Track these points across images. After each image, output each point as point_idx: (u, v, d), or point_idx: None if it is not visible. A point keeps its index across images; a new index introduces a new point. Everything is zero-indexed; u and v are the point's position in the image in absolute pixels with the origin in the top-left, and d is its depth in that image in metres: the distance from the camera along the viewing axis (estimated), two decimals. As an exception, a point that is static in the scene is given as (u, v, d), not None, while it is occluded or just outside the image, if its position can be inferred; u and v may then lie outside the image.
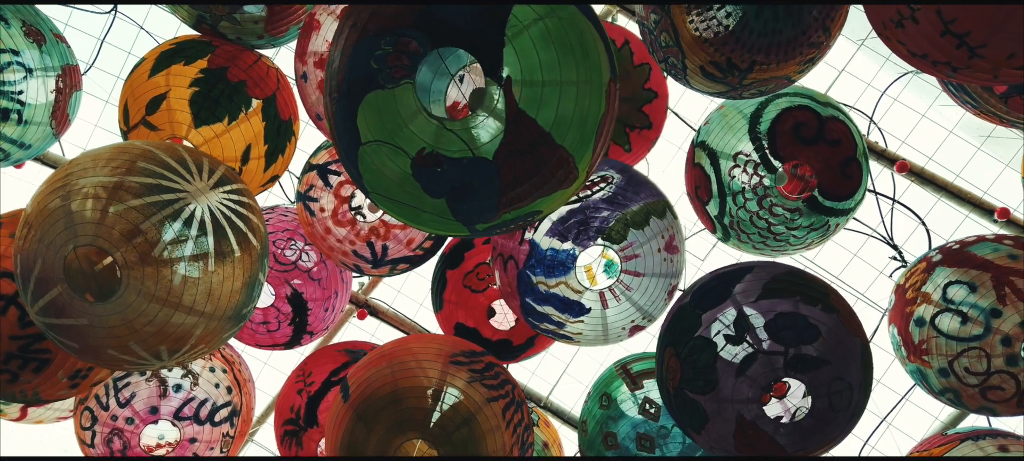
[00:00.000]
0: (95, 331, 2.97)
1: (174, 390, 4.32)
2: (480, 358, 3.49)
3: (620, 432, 4.38)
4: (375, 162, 2.60)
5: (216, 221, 2.99)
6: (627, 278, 3.58)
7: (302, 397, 4.64)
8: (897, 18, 2.72)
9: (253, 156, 3.98)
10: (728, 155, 3.94)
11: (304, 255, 4.69)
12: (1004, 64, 2.66)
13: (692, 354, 3.35)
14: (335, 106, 2.61)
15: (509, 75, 2.45)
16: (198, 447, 4.42)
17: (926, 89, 5.10)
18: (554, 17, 2.48)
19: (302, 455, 4.61)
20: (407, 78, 2.47)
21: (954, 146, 5.38)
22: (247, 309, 3.26)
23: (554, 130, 2.53)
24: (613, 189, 3.53)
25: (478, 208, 2.67)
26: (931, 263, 3.88)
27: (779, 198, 3.84)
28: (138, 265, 2.85)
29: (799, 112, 3.86)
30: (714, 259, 5.96)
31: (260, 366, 5.92)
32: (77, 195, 2.87)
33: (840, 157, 3.86)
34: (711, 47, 3.33)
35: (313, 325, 4.89)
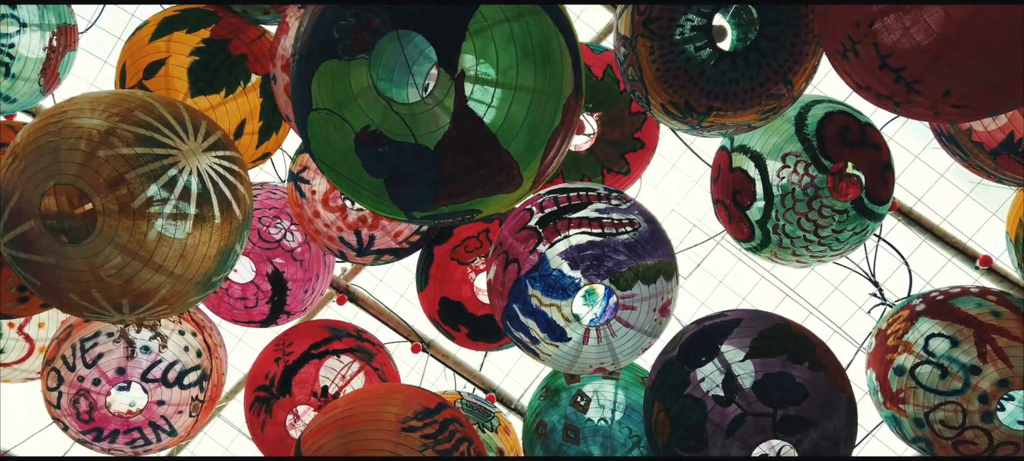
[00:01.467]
0: (60, 272, 2.91)
1: (142, 352, 4.28)
2: (434, 416, 3.39)
3: (550, 421, 4.41)
4: (322, 130, 2.59)
5: (202, 184, 2.95)
6: (617, 325, 3.59)
7: (279, 366, 4.59)
8: (842, 49, 2.75)
9: (247, 131, 3.94)
10: (776, 156, 3.92)
11: (289, 235, 4.66)
12: (942, 101, 2.67)
13: (682, 413, 3.38)
14: (295, 68, 2.61)
15: (463, 70, 2.43)
16: (166, 410, 4.37)
17: (922, 131, 5.14)
18: (521, 22, 2.46)
19: (270, 424, 4.56)
20: (364, 53, 2.45)
21: (943, 190, 5.43)
22: (218, 277, 3.22)
23: (501, 133, 2.52)
24: (636, 236, 3.52)
25: (416, 195, 2.66)
26: (914, 311, 3.89)
27: (829, 199, 3.84)
28: (115, 214, 2.79)
29: (842, 116, 3.90)
30: (697, 279, 5.98)
31: (234, 341, 5.88)
32: (68, 133, 2.82)
33: (880, 161, 3.92)
34: (670, 88, 3.34)
35: (291, 306, 4.87)
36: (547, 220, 3.52)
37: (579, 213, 3.51)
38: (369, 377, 4.62)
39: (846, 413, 3.34)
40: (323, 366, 4.55)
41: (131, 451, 4.46)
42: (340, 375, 4.54)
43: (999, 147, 3.74)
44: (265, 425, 4.55)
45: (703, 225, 5.75)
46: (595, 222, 3.49)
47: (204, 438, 6.46)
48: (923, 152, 5.35)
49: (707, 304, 6.13)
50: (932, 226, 5.38)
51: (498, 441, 5.00)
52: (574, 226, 3.48)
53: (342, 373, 4.55)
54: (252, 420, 4.65)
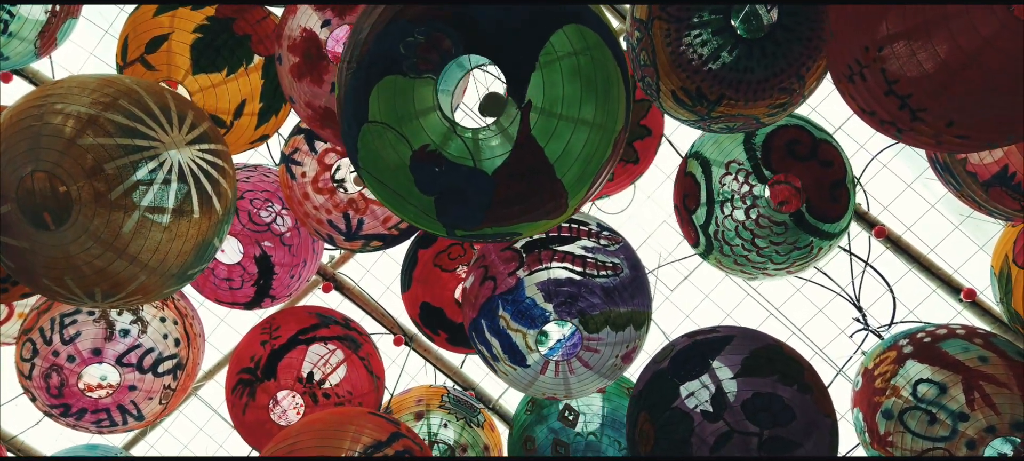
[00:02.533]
0: (34, 257, 2.89)
1: (121, 335, 4.25)
2: (383, 451, 3.33)
3: (538, 437, 4.41)
4: (375, 143, 2.57)
5: (183, 178, 2.92)
6: (577, 364, 3.59)
7: (265, 349, 4.56)
8: (849, 72, 2.75)
9: (246, 112, 3.91)
10: (721, 163, 3.95)
11: (279, 218, 4.63)
12: (945, 131, 2.67)
13: (668, 425, 3.37)
14: (351, 76, 2.56)
15: (530, 100, 2.44)
16: (136, 395, 4.35)
17: (916, 161, 5.19)
18: (589, 55, 2.48)
19: (252, 407, 4.52)
20: (432, 73, 2.44)
21: (933, 221, 5.47)
22: (194, 270, 3.19)
23: (558, 163, 2.54)
24: (615, 282, 3.53)
25: (464, 216, 2.67)
26: (902, 353, 3.91)
27: (767, 209, 3.85)
28: (92, 203, 2.76)
29: (794, 130, 3.91)
30: (683, 292, 5.99)
31: (216, 321, 5.84)
32: (51, 118, 2.79)
33: (830, 178, 3.90)
34: (684, 73, 3.32)
35: (276, 290, 4.84)
36: (533, 246, 3.53)
37: (565, 247, 3.52)
38: (354, 367, 4.60)
39: (829, 438, 3.35)
40: (308, 351, 4.53)
41: (95, 430, 4.43)
42: (324, 361, 4.52)
43: (992, 179, 3.76)
44: (247, 408, 4.51)
45: (693, 238, 5.76)
46: (578, 260, 3.50)
47: (179, 416, 6.41)
48: (915, 181, 5.38)
49: (692, 318, 6.15)
50: (919, 255, 5.43)
51: (484, 437, 5.00)
52: (557, 259, 3.49)
53: (326, 359, 4.53)
54: (234, 402, 4.60)
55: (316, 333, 4.60)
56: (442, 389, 5.12)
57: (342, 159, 4.19)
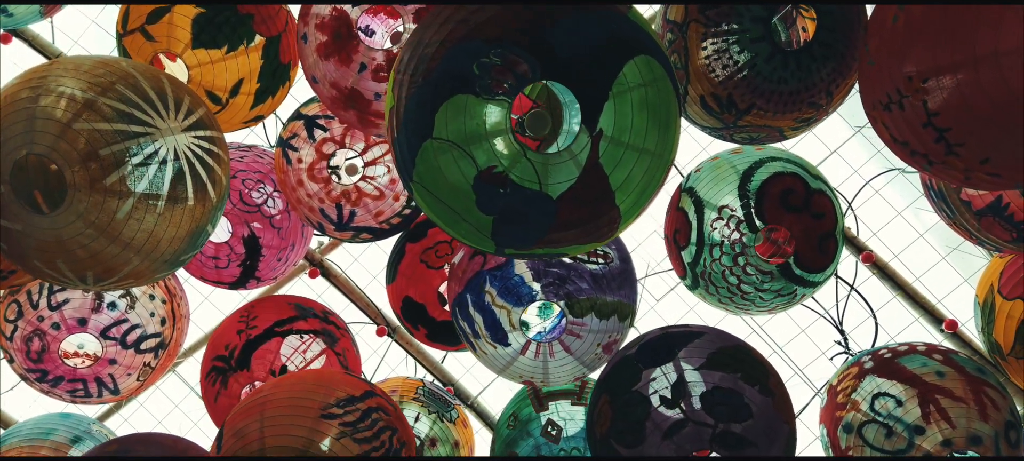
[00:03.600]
0: (26, 239, 2.87)
1: (108, 307, 4.23)
2: (357, 405, 3.37)
3: (522, 452, 4.41)
4: (437, 159, 2.54)
5: (178, 165, 2.90)
6: (558, 348, 3.60)
7: (240, 338, 4.53)
8: (887, 101, 2.74)
9: (243, 91, 3.88)
10: (714, 207, 3.95)
11: (270, 200, 4.61)
12: (977, 167, 2.68)
13: (626, 407, 3.38)
14: (415, 90, 2.53)
15: (601, 129, 2.47)
16: (115, 369, 4.34)
17: (908, 190, 5.22)
18: (655, 88, 2.52)
19: (224, 395, 4.50)
20: (505, 96, 2.44)
21: (921, 250, 5.51)
22: (186, 256, 3.18)
23: (619, 190, 2.58)
24: (604, 270, 3.55)
25: (520, 236, 2.69)
26: (863, 369, 3.96)
27: (755, 258, 3.87)
28: (86, 188, 2.74)
29: (790, 179, 3.90)
30: (668, 302, 6.00)
31: (200, 299, 5.81)
32: (47, 100, 2.77)
33: (820, 231, 3.91)
34: (716, 78, 3.32)
35: (262, 272, 4.82)
36: None
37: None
38: (330, 361, 4.58)
39: (784, 445, 3.37)
40: (284, 343, 4.51)
41: (69, 398, 4.41)
42: (299, 353, 4.50)
43: (986, 209, 3.79)
44: (219, 396, 4.49)
45: (682, 250, 5.78)
46: None
47: (156, 392, 6.37)
48: (905, 210, 5.42)
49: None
50: (905, 283, 5.47)
51: (455, 433, 4.99)
52: None
53: (301, 351, 4.51)
54: (207, 388, 4.59)
55: (294, 325, 4.57)
56: (418, 382, 5.11)
57: (340, 149, 4.17)
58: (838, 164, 5.34)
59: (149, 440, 3.96)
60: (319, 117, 4.18)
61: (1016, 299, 4.12)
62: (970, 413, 3.63)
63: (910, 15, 2.58)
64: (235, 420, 3.33)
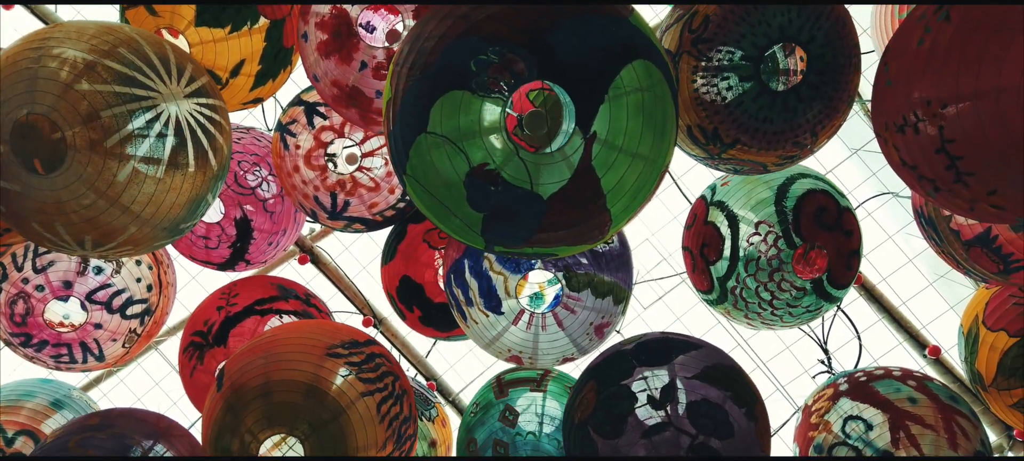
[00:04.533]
0: (25, 201, 2.86)
1: (93, 271, 4.21)
2: (361, 348, 3.44)
3: (480, 437, 4.42)
4: (430, 154, 2.56)
5: (179, 130, 2.90)
6: (551, 321, 3.60)
7: (220, 314, 4.54)
8: (901, 122, 2.73)
9: (244, 72, 3.86)
10: (751, 222, 3.97)
11: (265, 184, 4.60)
12: (984, 198, 2.68)
13: (611, 398, 3.39)
14: (412, 83, 2.54)
15: (595, 131, 2.48)
16: (100, 334, 4.31)
17: (900, 214, 5.24)
18: (652, 92, 2.53)
19: (200, 371, 4.50)
20: (501, 94, 2.45)
21: (909, 275, 5.55)
22: (186, 225, 3.18)
23: (610, 194, 2.59)
24: (604, 248, 3.56)
25: (509, 234, 2.70)
26: (837, 390, 4.00)
27: (791, 274, 3.89)
28: (86, 150, 2.74)
29: (822, 197, 3.97)
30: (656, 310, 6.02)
31: (187, 278, 5.77)
32: (49, 61, 2.76)
33: (849, 248, 3.99)
34: (703, 111, 3.34)
35: (252, 255, 4.80)
36: None
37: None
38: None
39: None
40: (265, 325, 4.49)
41: (53, 364, 4.38)
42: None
43: (974, 239, 3.81)
44: (195, 371, 4.51)
45: (673, 260, 5.81)
46: None
47: (137, 368, 6.33)
48: (896, 234, 5.46)
49: (658, 336, 6.18)
50: (891, 307, 5.50)
51: (433, 432, 4.98)
52: None
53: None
54: (184, 363, 4.59)
55: (274, 305, 4.57)
56: (401, 377, 5.09)
57: (338, 138, 4.16)
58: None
59: (131, 415, 3.94)
60: (319, 104, 4.18)
61: (1000, 331, 4.15)
62: (939, 441, 3.66)
63: (937, 40, 2.58)
64: (237, 360, 3.36)
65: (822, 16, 3.20)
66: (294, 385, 3.17)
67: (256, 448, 3.16)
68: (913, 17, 2.77)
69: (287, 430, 3.14)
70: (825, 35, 3.22)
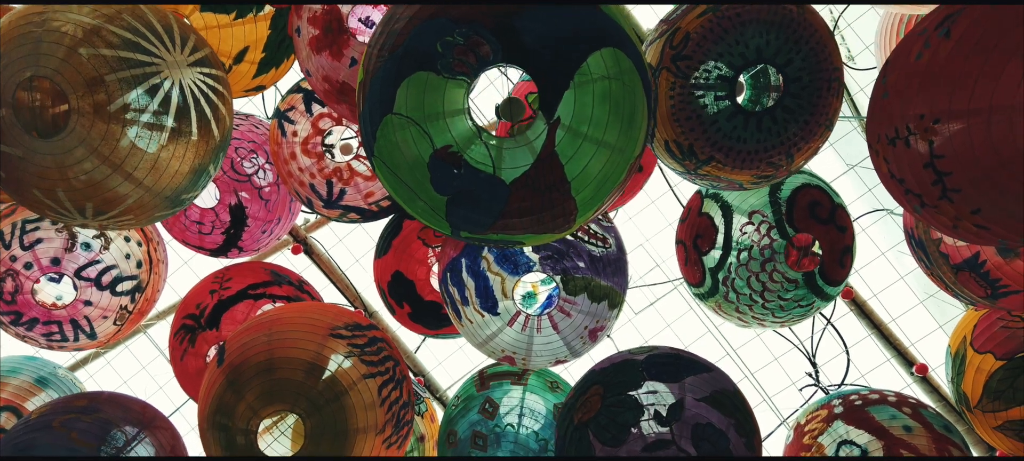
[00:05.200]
0: (26, 166, 2.85)
1: (82, 248, 4.18)
2: (364, 332, 3.45)
3: (460, 430, 4.43)
4: (396, 135, 2.56)
5: (183, 98, 2.90)
6: (546, 323, 3.60)
7: (213, 298, 4.52)
8: (893, 135, 2.72)
9: (247, 59, 3.86)
10: (744, 211, 3.97)
11: (261, 172, 4.58)
12: (967, 216, 2.67)
13: (617, 406, 3.39)
14: (381, 64, 2.54)
15: (559, 117, 2.46)
16: (91, 311, 4.28)
17: (893, 232, 5.28)
18: (621, 81, 2.51)
19: (190, 354, 4.47)
20: (466, 76, 2.45)
21: (899, 292, 5.58)
22: (188, 195, 3.18)
23: (575, 182, 2.57)
24: (603, 253, 3.55)
25: (473, 219, 2.68)
26: (832, 412, 3.99)
27: (783, 265, 3.90)
28: (90, 114, 2.73)
29: (816, 191, 3.97)
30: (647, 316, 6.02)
31: (179, 263, 5.76)
32: (53, 25, 2.75)
33: (842, 244, 3.97)
34: (680, 128, 3.36)
35: (245, 242, 4.79)
36: None
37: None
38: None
39: None
40: (258, 310, 4.48)
41: (45, 343, 4.35)
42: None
43: (963, 263, 3.83)
44: (186, 354, 4.48)
45: (666, 266, 5.83)
46: None
47: (124, 351, 6.32)
48: (889, 251, 5.49)
49: (650, 342, 6.19)
50: (880, 323, 5.53)
51: (422, 427, 4.98)
52: None
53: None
54: (174, 346, 4.57)
55: (267, 290, 4.56)
56: (389, 370, 5.08)
57: (336, 126, 4.16)
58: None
59: (119, 402, 3.92)
60: (320, 93, 4.17)
61: (987, 353, 4.17)
62: (933, 471, 3.68)
63: (935, 55, 2.59)
64: (239, 336, 3.35)
65: (801, 39, 3.23)
66: (297, 363, 3.16)
67: (256, 424, 3.15)
68: (915, 31, 2.77)
69: (288, 407, 3.14)
70: (803, 58, 3.24)
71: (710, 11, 3.25)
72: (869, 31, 4.31)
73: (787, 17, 3.21)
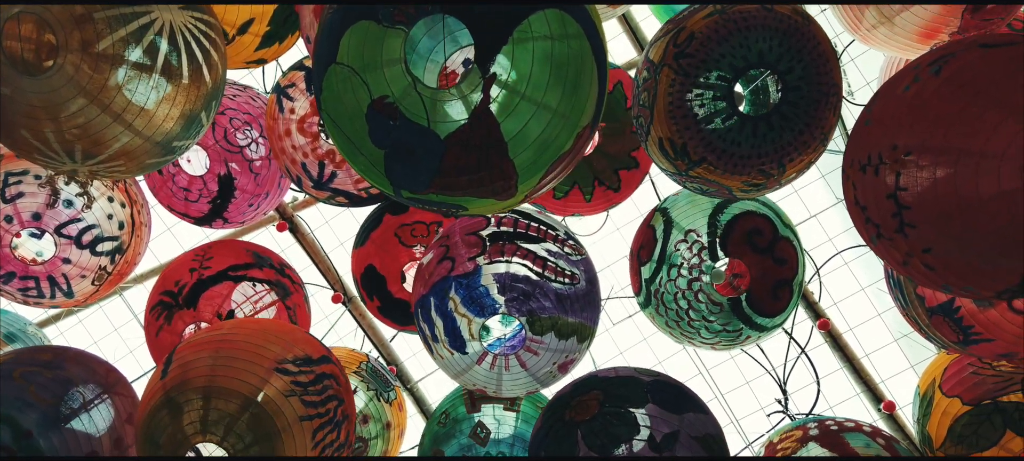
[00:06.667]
0: (14, 105, 2.80)
1: (64, 205, 4.13)
2: (312, 367, 3.34)
3: (448, 451, 4.42)
4: (338, 85, 2.54)
5: (173, 40, 2.86)
6: (515, 362, 3.61)
7: (192, 276, 4.47)
8: (866, 161, 2.71)
9: (251, 31, 3.84)
10: (682, 229, 4.00)
11: (254, 145, 4.56)
12: (919, 254, 2.66)
13: (614, 419, 3.42)
14: (330, 15, 2.55)
15: (495, 73, 2.42)
16: (69, 269, 4.24)
17: (875, 268, 5.32)
18: (565, 43, 2.47)
19: (166, 331, 4.43)
20: (404, 25, 2.42)
21: (874, 329, 5.63)
22: (179, 143, 3.13)
23: (512, 142, 2.53)
24: (570, 291, 3.55)
25: (412, 175, 2.64)
26: (807, 434, 4.01)
27: (709, 288, 3.92)
28: (78, 51, 2.69)
29: (760, 219, 3.96)
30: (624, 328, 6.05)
31: (163, 228, 5.72)
32: None
33: (778, 277, 3.95)
34: (676, 126, 3.36)
35: (231, 214, 4.76)
36: (498, 237, 3.53)
37: (530, 245, 3.53)
38: (280, 313, 4.54)
39: None
40: (236, 289, 4.46)
41: (21, 298, 4.30)
42: (250, 302, 4.45)
43: (938, 307, 3.85)
44: (161, 331, 4.43)
45: (648, 281, 5.83)
46: (540, 261, 3.51)
47: (98, 311, 6.25)
48: (869, 287, 5.54)
49: (625, 354, 6.22)
50: (853, 357, 5.58)
51: (389, 414, 4.97)
52: (520, 255, 3.49)
53: (253, 301, 4.46)
54: (150, 322, 4.53)
55: (248, 272, 4.53)
56: (363, 356, 5.08)
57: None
58: (815, 229, 5.45)
59: (83, 361, 3.86)
60: (321, 73, 4.15)
61: (955, 397, 4.21)
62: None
63: (922, 90, 2.60)
64: (187, 350, 3.27)
65: (804, 49, 3.24)
66: (234, 395, 3.08)
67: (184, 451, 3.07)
68: (910, 65, 2.78)
69: (218, 440, 3.05)
70: (804, 68, 3.24)
71: (717, 13, 3.26)
72: (873, 67, 4.34)
73: (793, 25, 3.22)
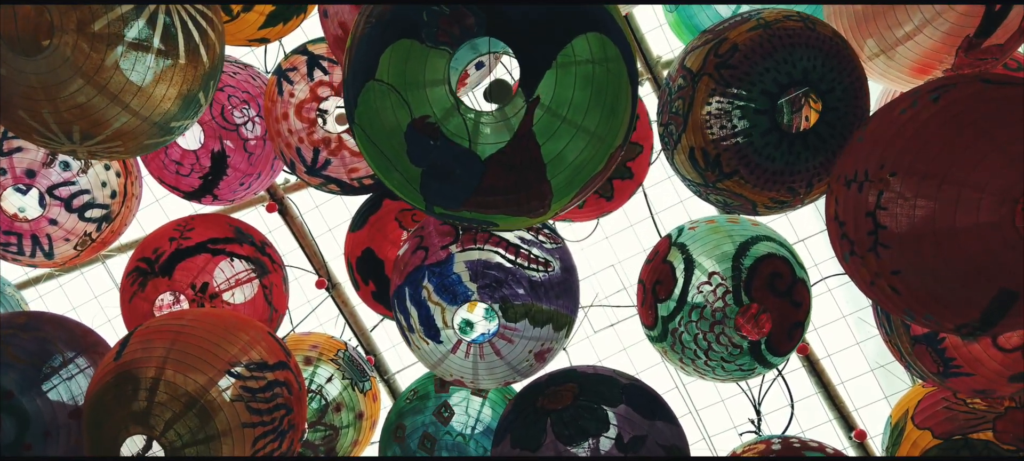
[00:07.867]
0: (11, 85, 2.80)
1: (60, 166, 4.11)
2: (265, 373, 3.33)
3: (409, 426, 4.43)
4: (376, 101, 2.55)
5: (170, 19, 2.85)
6: (489, 350, 3.62)
7: (171, 245, 4.46)
8: (852, 177, 2.74)
9: (256, 9, 3.83)
10: (705, 270, 3.99)
11: (250, 124, 4.55)
12: (887, 275, 2.68)
13: (587, 412, 3.46)
14: (367, 28, 2.55)
15: (539, 96, 2.46)
16: (54, 231, 4.23)
17: (858, 297, 5.37)
18: (604, 67, 2.51)
19: (140, 297, 4.41)
20: (448, 46, 2.44)
21: (852, 357, 5.68)
22: (177, 123, 3.13)
23: (551, 164, 2.57)
24: (544, 278, 3.56)
25: (447, 194, 2.67)
26: (769, 449, 4.07)
27: (731, 330, 3.94)
28: (73, 31, 2.68)
29: (780, 262, 4.00)
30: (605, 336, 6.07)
31: (152, 199, 5.68)
32: None
33: (794, 319, 4.01)
34: (711, 135, 3.36)
35: (222, 191, 4.75)
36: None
37: (503, 233, 3.55)
38: (256, 292, 4.54)
39: None
40: (217, 267, 4.44)
41: (1, 252, 4.27)
42: (228, 280, 4.44)
43: (923, 337, 3.89)
44: (135, 297, 4.42)
45: (632, 292, 5.85)
46: (512, 248, 3.53)
47: (79, 277, 6.21)
48: (851, 315, 5.58)
49: (605, 363, 6.23)
50: (829, 383, 5.63)
51: (363, 404, 4.96)
52: (492, 242, 3.51)
53: (230, 279, 4.45)
54: (126, 287, 4.51)
55: (227, 247, 4.53)
56: (341, 344, 5.07)
57: (335, 96, 4.14)
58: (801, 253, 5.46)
59: (61, 323, 3.85)
60: (324, 58, 4.15)
61: (926, 429, 4.26)
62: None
63: (917, 114, 2.62)
64: (147, 334, 3.28)
65: (845, 71, 3.25)
66: (180, 393, 3.09)
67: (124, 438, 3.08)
68: (911, 91, 2.81)
69: (157, 435, 3.06)
70: (843, 90, 3.26)
71: (761, 27, 3.27)
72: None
73: (836, 46, 3.24)
